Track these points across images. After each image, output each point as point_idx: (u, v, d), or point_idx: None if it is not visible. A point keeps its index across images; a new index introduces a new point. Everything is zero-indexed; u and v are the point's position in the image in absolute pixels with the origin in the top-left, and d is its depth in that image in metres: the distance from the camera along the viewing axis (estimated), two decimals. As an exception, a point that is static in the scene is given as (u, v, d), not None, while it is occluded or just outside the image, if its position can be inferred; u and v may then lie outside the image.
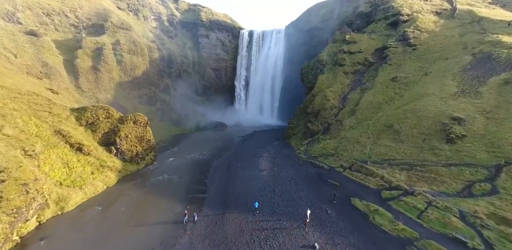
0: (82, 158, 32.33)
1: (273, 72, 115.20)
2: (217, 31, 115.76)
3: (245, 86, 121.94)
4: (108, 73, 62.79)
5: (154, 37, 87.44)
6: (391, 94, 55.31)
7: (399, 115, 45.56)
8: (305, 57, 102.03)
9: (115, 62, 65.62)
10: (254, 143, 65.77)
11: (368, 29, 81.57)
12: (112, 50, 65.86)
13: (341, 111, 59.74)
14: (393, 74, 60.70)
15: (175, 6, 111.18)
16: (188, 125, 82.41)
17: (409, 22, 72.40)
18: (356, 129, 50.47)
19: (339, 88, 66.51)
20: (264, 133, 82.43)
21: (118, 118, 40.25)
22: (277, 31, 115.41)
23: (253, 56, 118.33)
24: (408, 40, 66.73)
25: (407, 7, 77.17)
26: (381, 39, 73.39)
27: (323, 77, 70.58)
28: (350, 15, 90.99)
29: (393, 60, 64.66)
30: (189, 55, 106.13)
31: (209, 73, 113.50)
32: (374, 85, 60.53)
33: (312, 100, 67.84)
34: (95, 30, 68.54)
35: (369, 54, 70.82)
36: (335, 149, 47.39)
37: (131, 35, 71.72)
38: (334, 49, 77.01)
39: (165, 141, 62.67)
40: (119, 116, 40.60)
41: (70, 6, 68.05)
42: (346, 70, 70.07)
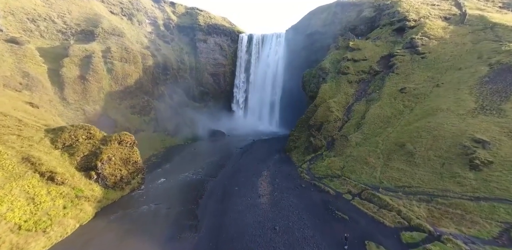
0: (54, 189, 27.68)
1: (273, 77, 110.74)
2: (215, 36, 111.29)
3: (244, 92, 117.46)
4: (97, 83, 58.16)
5: (149, 43, 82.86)
6: (400, 107, 50.78)
7: (411, 133, 40.99)
8: (306, 62, 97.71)
9: (105, 71, 60.97)
10: (253, 156, 61.14)
11: (372, 34, 77.13)
12: (102, 58, 61.24)
13: (345, 124, 55.20)
14: (401, 85, 56.22)
15: (172, 9, 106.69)
16: (184, 135, 77.78)
17: (416, 28, 67.95)
18: (363, 146, 45.89)
19: (343, 98, 61.97)
20: (264, 142, 77.87)
21: (101, 138, 35.64)
22: (277, 35, 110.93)
23: (253, 61, 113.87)
24: (416, 48, 62.28)
25: (413, 12, 72.75)
26: (386, 46, 68.91)
27: (326, 87, 66.03)
28: (353, 20, 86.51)
29: (401, 69, 60.19)
30: (186, 60, 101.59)
31: (206, 79, 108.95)
32: (381, 97, 56.02)
33: (314, 111, 63.27)
34: (84, 36, 63.93)
35: (374, 62, 66.34)
36: (340, 169, 42.79)
37: (123, 42, 67.11)
38: (337, 56, 72.51)
39: (157, 155, 58.00)
40: (102, 136, 35.98)
41: (58, 11, 63.44)
42: (350, 79, 65.59)
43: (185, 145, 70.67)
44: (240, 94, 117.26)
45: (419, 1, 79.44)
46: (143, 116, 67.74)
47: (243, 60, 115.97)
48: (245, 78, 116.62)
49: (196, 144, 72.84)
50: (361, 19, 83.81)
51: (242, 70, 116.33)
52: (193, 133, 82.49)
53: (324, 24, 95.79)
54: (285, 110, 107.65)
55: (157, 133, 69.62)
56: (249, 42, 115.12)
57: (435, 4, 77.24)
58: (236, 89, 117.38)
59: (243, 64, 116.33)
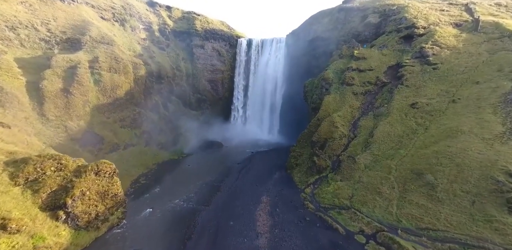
0: (5, 240, 22.29)
1: (273, 83, 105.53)
2: (213, 41, 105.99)
3: (243, 99, 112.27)
4: (83, 96, 52.73)
5: (142, 50, 77.48)
6: (412, 125, 45.45)
7: (429, 159, 35.65)
8: (307, 68, 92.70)
9: (92, 82, 55.55)
10: (251, 174, 55.78)
11: (377, 42, 71.82)
12: (89, 68, 55.79)
13: (352, 142, 49.88)
14: (412, 99, 50.91)
15: (168, 14, 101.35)
16: (179, 147, 72.45)
17: (425, 36, 62.65)
18: (373, 169, 40.55)
19: (348, 112, 56.65)
20: (264, 155, 72.54)
21: (75, 169, 30.27)
22: (277, 40, 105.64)
23: (252, 67, 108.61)
24: (426, 58, 56.98)
25: (422, 18, 67.47)
26: (394, 55, 63.58)
27: (330, 99, 60.70)
28: (356, 26, 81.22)
29: (410, 81, 54.90)
30: (182, 67, 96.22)
31: (204, 86, 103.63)
32: (390, 112, 50.71)
33: (317, 126, 57.93)
34: (70, 45, 58.47)
35: (381, 73, 61.02)
36: (349, 198, 37.44)
37: (113, 51, 61.67)
38: (341, 65, 67.17)
39: (147, 175, 52.55)
40: (76, 166, 30.59)
41: (42, 18, 58.00)
42: (356, 90, 60.27)
43: (179, 160, 65.24)
44: (239, 101, 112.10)
45: (427, 7, 74.29)
46: (134, 130, 62.36)
47: (242, 65, 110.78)
48: (244, 84, 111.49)
49: (191, 158, 67.42)
50: (365, 25, 78.54)
51: (241, 76, 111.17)
52: (189, 144, 77.18)
53: (326, 29, 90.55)
54: (285, 118, 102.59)
55: (149, 146, 64.24)
56: (248, 47, 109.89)
57: (444, 9, 72.05)
58: (234, 96, 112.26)
59: (242, 70, 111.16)
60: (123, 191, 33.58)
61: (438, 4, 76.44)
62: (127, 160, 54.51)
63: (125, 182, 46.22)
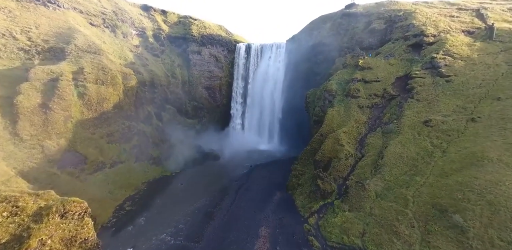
0: None
1: (273, 90, 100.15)
2: (210, 46, 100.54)
3: (242, 106, 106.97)
4: (64, 111, 47.22)
5: (135, 58, 72.01)
6: (427, 147, 40.03)
7: (452, 192, 30.29)
8: (308, 75, 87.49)
9: (76, 96, 50.03)
10: (249, 195, 50.38)
11: (383, 49, 66.59)
12: (72, 81, 50.26)
13: (359, 163, 44.49)
14: (424, 115, 45.57)
15: (163, 18, 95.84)
16: (172, 162, 66.93)
17: (436, 45, 57.40)
18: (386, 199, 35.16)
19: (353, 128, 51.27)
20: (263, 170, 67.15)
21: (34, 212, 24.82)
22: (277, 45, 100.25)
23: (251, 73, 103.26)
24: (438, 69, 51.68)
25: (431, 25, 62.17)
26: (402, 65, 58.25)
27: (333, 112, 55.35)
28: (360, 32, 75.95)
29: (422, 94, 49.56)
30: (178, 74, 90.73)
31: (201, 93, 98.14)
32: (400, 129, 45.34)
33: (320, 143, 52.60)
34: (52, 55, 52.87)
35: (389, 85, 55.69)
36: (360, 236, 32.05)
37: (101, 61, 56.12)
38: (345, 76, 61.77)
39: (134, 198, 47.03)
40: (36, 208, 25.11)
41: (22, 26, 52.48)
42: (361, 103, 54.94)
43: (172, 177, 59.78)
44: (238, 108, 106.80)
45: (435, 12, 69.05)
46: (123, 145, 56.87)
47: (241, 72, 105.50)
48: (243, 91, 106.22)
49: (184, 174, 61.96)
50: (369, 31, 73.27)
51: (239, 82, 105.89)
52: (183, 157, 71.59)
53: (328, 35, 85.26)
54: (285, 125, 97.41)
55: (140, 162, 58.78)
56: (247, 53, 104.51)
57: (454, 15, 66.76)
58: (233, 103, 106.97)
59: (240, 76, 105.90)
60: (96, 233, 28.02)
61: (446, 10, 71.25)
62: (113, 180, 49.07)
63: (108, 210, 40.77)
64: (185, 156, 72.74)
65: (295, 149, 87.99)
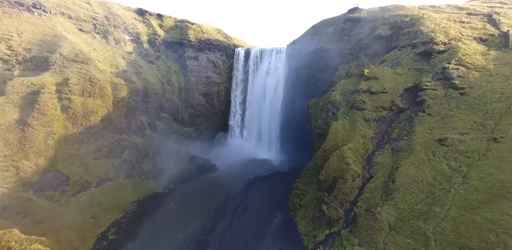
0: None
1: (273, 96, 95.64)
2: (208, 52, 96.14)
3: (241, 112, 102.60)
4: (45, 127, 42.74)
5: (127, 66, 67.49)
6: (444, 170, 35.55)
7: (482, 231, 25.83)
8: (310, 81, 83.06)
9: (59, 109, 45.55)
10: (247, 217, 46.05)
11: (389, 57, 62.13)
12: (55, 93, 45.81)
13: (367, 185, 40.02)
14: (438, 132, 41.08)
15: (159, 22, 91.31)
16: (166, 175, 62.42)
17: (447, 54, 52.93)
18: (402, 233, 30.69)
19: (360, 144, 46.81)
20: (263, 184, 62.84)
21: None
22: (278, 50, 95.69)
23: (250, 78, 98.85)
24: (451, 80, 47.17)
25: (441, 32, 57.72)
26: (410, 75, 53.80)
27: (337, 126, 50.90)
28: (365, 38, 71.44)
29: (434, 108, 45.06)
30: (174, 80, 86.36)
31: (198, 100, 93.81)
32: (412, 148, 40.85)
33: (324, 159, 48.19)
34: (35, 65, 48.36)
35: (397, 96, 51.22)
36: (373, 279, 27.69)
37: (88, 71, 51.62)
38: (349, 86, 57.32)
39: (121, 223, 42.42)
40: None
41: (2, 33, 47.86)
42: (367, 116, 50.48)
43: (165, 194, 55.28)
44: (236, 115, 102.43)
45: (444, 18, 64.57)
46: (112, 160, 52.36)
47: (240, 77, 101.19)
48: (242, 97, 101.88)
49: (178, 191, 57.45)
50: (374, 37, 68.77)
51: (238, 88, 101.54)
52: (178, 170, 67.09)
53: (331, 40, 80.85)
54: (286, 133, 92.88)
55: (130, 178, 54.27)
56: (246, 58, 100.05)
57: (464, 21, 62.25)
58: (231, 109, 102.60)
59: (239, 82, 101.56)
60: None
61: (455, 14, 66.78)
62: (99, 202, 44.56)
63: (88, 241, 36.28)
64: (180, 168, 68.31)
65: (296, 158, 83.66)
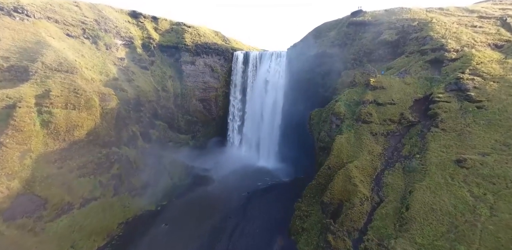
0: None
1: (273, 102, 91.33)
2: (205, 56, 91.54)
3: (239, 118, 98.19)
4: (21, 145, 38.33)
5: (119, 72, 62.99)
6: (466, 198, 31.17)
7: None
8: (311, 86, 78.88)
9: (39, 124, 41.13)
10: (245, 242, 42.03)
11: (396, 64, 57.80)
12: (35, 107, 41.39)
13: (378, 211, 35.64)
14: (455, 151, 36.69)
15: (154, 25, 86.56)
16: (159, 190, 58.10)
17: (459, 62, 48.56)
18: (420, 276, 26.46)
19: (367, 161, 42.44)
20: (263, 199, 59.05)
21: None
22: (278, 54, 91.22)
23: (249, 83, 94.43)
24: (466, 92, 42.77)
25: (452, 38, 53.26)
26: (420, 85, 49.41)
27: (342, 140, 46.51)
28: (369, 43, 66.97)
29: (448, 123, 40.67)
30: (170, 86, 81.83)
31: (195, 106, 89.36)
32: (426, 169, 36.46)
33: (328, 177, 43.87)
34: (13, 75, 43.82)
35: (406, 108, 46.83)
36: None
37: (73, 81, 47.11)
38: (354, 96, 52.88)
39: (105, 251, 38.26)
40: None
41: (-24, 40, 43.56)
42: (374, 130, 46.10)
43: (157, 212, 51.00)
44: (235, 121, 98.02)
45: (454, 22, 60.03)
46: (99, 177, 48.00)
47: (238, 82, 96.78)
48: (241, 102, 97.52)
49: (172, 208, 53.17)
50: (379, 42, 64.30)
51: (237, 94, 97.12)
52: (173, 183, 62.92)
53: (333, 44, 76.40)
54: (286, 139, 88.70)
55: (119, 196, 49.95)
56: (245, 61, 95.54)
57: (476, 25, 57.73)
58: (230, 116, 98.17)
59: (238, 87, 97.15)
60: None
61: (466, 18, 62.24)
62: (81, 226, 40.24)
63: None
64: (175, 180, 64.14)
65: (296, 167, 79.64)
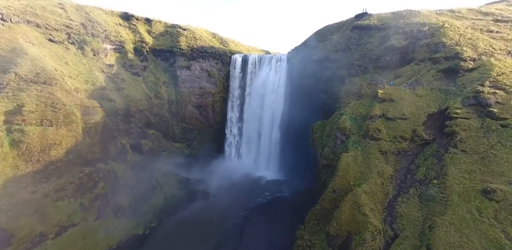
0: None
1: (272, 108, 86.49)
2: (201, 60, 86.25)
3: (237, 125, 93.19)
4: (-14, 170, 33.35)
5: (107, 81, 57.83)
6: (500, 240, 26.22)
7: None
8: (313, 92, 73.90)
9: (7, 145, 36.05)
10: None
11: (405, 72, 52.91)
12: (3, 124, 36.32)
13: (392, 248, 30.88)
14: (480, 179, 31.75)
15: (147, 28, 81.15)
16: (150, 208, 53.26)
17: (477, 72, 43.58)
18: None
19: (377, 185, 37.51)
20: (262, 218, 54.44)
21: None
22: (278, 58, 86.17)
23: (248, 88, 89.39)
24: (487, 108, 37.80)
25: (467, 45, 48.17)
26: (434, 98, 44.40)
27: (348, 159, 41.50)
28: (375, 48, 61.92)
29: (469, 143, 35.69)
30: (164, 92, 76.79)
31: (191, 113, 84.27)
32: (448, 199, 31.49)
33: (333, 202, 38.94)
34: (-20, 88, 38.95)
35: (419, 124, 41.81)
36: None
37: (51, 93, 41.96)
38: (360, 109, 47.81)
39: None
40: None
41: None
42: (384, 148, 41.11)
43: (145, 236, 46.11)
44: (233, 128, 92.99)
45: (468, 26, 54.92)
46: (80, 199, 43.08)
47: (237, 87, 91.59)
48: (239, 108, 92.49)
49: (161, 231, 48.33)
50: (386, 48, 59.22)
51: (235, 99, 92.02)
52: (164, 199, 57.94)
53: (336, 49, 71.32)
54: (286, 148, 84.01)
55: (103, 219, 45.03)
56: (243, 65, 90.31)
57: (493, 30, 52.65)
58: (228, 122, 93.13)
59: (236, 92, 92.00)
60: None
61: (480, 21, 57.15)
62: (57, 260, 35.29)
63: None
64: (167, 196, 59.19)
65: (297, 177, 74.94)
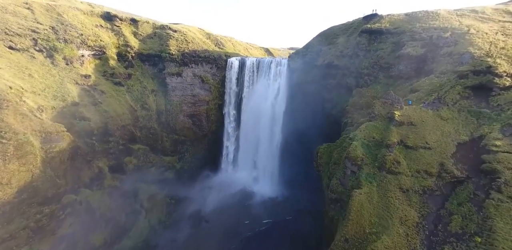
0: None
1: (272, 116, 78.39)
2: (193, 65, 77.31)
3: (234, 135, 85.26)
4: None
5: (81, 94, 49.21)
6: None
7: None
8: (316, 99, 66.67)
9: None
10: None
11: (422, 86, 44.57)
12: None
13: None
14: (537, 241, 24.08)
15: (133, 30, 71.75)
16: (130, 243, 45.70)
17: (517, 91, 35.35)
18: None
19: (401, 238, 29.58)
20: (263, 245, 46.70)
21: None
22: (278, 62, 77.47)
23: (245, 94, 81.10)
24: (537, 140, 29.82)
25: (501, 57, 39.56)
26: (463, 122, 36.14)
27: (362, 198, 33.35)
28: (386, 55, 53.40)
29: (516, 187, 27.84)
30: (151, 102, 68.22)
31: (182, 123, 75.82)
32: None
33: (344, 255, 31.27)
34: None
35: (448, 156, 33.61)
36: None
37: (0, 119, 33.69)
38: (374, 133, 39.20)
39: None
40: None
41: None
42: (405, 184, 33.02)
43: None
44: (229, 137, 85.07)
45: (497, 31, 46.11)
46: (38, 245, 35.28)
47: (233, 93, 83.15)
48: (235, 117, 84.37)
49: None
50: (400, 56, 50.63)
51: (231, 107, 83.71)
52: (149, 228, 50.35)
53: (342, 54, 62.56)
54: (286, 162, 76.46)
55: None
56: (240, 69, 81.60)
57: (528, 38, 44.10)
58: (224, 131, 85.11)
59: (233, 98, 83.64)
60: None
61: (510, 24, 48.60)
62: None
63: None
64: (153, 223, 51.70)
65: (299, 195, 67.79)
